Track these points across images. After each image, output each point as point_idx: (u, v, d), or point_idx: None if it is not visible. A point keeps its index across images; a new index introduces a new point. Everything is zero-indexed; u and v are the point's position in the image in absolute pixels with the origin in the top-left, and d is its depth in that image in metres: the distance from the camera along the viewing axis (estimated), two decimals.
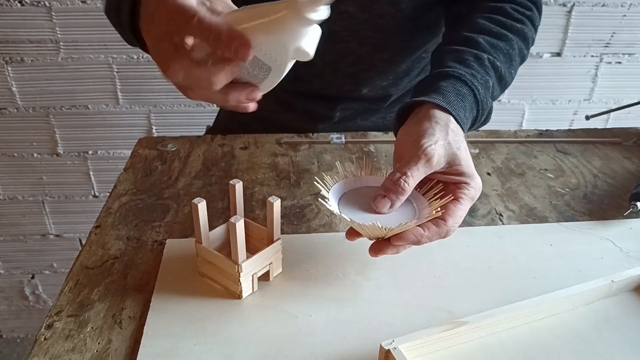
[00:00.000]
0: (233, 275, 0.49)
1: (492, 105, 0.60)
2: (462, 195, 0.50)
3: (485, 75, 0.59)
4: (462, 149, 0.51)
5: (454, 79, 0.56)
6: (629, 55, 1.36)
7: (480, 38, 0.62)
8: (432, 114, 0.52)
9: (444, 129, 0.51)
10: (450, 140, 0.50)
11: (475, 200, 0.51)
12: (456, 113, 0.53)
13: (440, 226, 0.48)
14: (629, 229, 0.61)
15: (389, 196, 0.49)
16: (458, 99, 0.54)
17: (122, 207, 0.64)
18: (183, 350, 0.45)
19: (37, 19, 1.20)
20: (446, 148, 0.50)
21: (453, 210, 0.49)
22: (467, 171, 0.50)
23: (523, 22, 0.67)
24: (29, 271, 1.58)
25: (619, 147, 0.81)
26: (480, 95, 0.57)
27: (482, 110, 0.58)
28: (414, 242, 0.47)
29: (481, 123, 0.60)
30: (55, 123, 1.34)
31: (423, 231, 0.47)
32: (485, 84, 0.58)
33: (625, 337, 0.46)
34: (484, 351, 0.45)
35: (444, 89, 0.55)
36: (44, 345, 0.45)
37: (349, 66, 0.79)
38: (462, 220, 0.50)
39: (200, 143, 0.80)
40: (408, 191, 0.49)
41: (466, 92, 0.56)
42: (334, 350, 0.45)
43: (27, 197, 1.45)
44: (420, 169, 0.49)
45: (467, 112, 0.55)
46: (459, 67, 0.58)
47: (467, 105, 0.55)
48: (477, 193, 0.51)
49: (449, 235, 0.49)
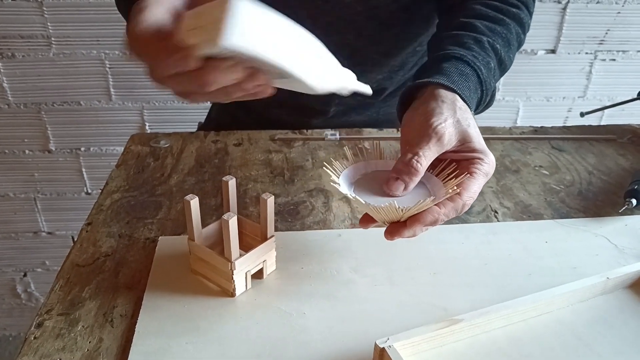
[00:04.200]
0: (226, 272, 0.48)
1: (495, 86, 0.59)
2: (476, 170, 0.49)
3: (486, 57, 0.58)
4: (472, 126, 0.50)
5: (456, 60, 0.55)
6: (623, 53, 1.36)
7: (477, 22, 0.61)
8: (438, 94, 0.51)
9: (451, 106, 0.50)
10: (459, 118, 0.49)
11: (489, 176, 0.50)
12: (461, 92, 0.52)
13: (456, 201, 0.47)
14: (624, 226, 0.61)
15: (402, 178, 0.48)
16: (462, 79, 0.54)
17: (113, 204, 0.63)
18: (175, 349, 0.44)
19: (29, 14, 1.19)
20: (456, 126, 0.49)
21: (468, 185, 0.47)
22: (479, 147, 0.50)
23: (518, 6, 0.67)
24: (21, 269, 1.57)
25: (614, 144, 0.81)
26: (484, 75, 0.56)
27: (486, 91, 0.57)
28: (432, 222, 0.46)
29: (486, 105, 0.59)
30: (47, 119, 1.33)
31: (439, 209, 0.46)
32: (487, 65, 0.57)
33: (620, 334, 0.46)
34: (479, 349, 0.44)
35: (446, 70, 0.54)
36: (33, 344, 0.45)
37: (344, 58, 0.78)
38: (476, 196, 0.48)
39: (193, 139, 0.79)
40: (421, 172, 0.48)
41: (469, 72, 0.55)
42: (328, 348, 0.44)
43: (19, 195, 1.44)
44: (432, 148, 0.48)
45: (472, 92, 0.54)
46: (459, 49, 0.57)
47: (471, 85, 0.54)
48: (491, 169, 0.50)
49: (464, 210, 0.48)
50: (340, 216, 0.62)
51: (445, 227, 0.60)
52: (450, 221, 0.61)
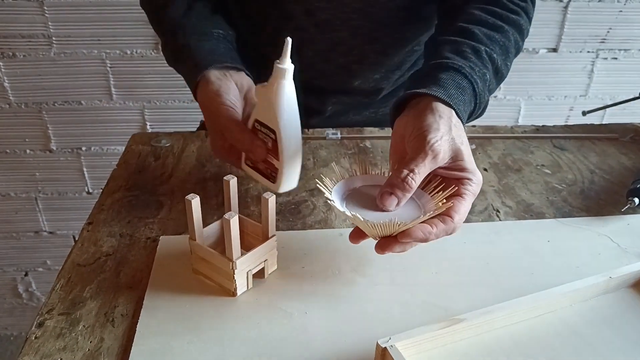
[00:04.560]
0: (227, 272, 0.48)
1: (488, 98, 0.60)
2: (465, 191, 0.49)
3: (483, 68, 0.58)
4: (464, 144, 0.50)
5: (454, 72, 0.56)
6: (625, 51, 1.36)
7: (476, 29, 0.61)
8: (435, 107, 0.51)
9: (447, 123, 0.50)
10: (454, 136, 0.50)
11: (476, 195, 0.50)
12: (457, 106, 0.52)
13: (447, 223, 0.47)
14: (626, 225, 0.61)
15: (396, 193, 0.48)
16: (458, 92, 0.54)
17: (115, 204, 0.63)
18: (176, 349, 0.44)
19: (29, 14, 1.19)
20: (450, 143, 0.49)
21: (458, 207, 0.48)
22: (469, 167, 0.50)
23: (518, 13, 0.67)
24: (22, 268, 1.57)
25: (616, 143, 0.81)
26: (479, 88, 0.56)
27: (479, 104, 0.57)
28: (422, 239, 0.46)
29: (476, 117, 0.60)
30: (48, 119, 1.33)
31: (431, 228, 0.46)
32: (483, 77, 0.58)
33: (623, 334, 0.46)
34: (481, 348, 0.44)
35: (444, 82, 0.54)
36: (34, 344, 0.44)
37: (340, 56, 0.78)
38: (465, 216, 0.49)
39: (194, 139, 0.79)
40: (414, 188, 0.48)
41: (466, 85, 0.55)
42: (329, 348, 0.44)
43: (20, 194, 1.44)
44: (427, 165, 0.48)
45: (466, 106, 0.55)
46: (457, 59, 0.57)
47: (466, 99, 0.54)
48: (479, 189, 0.50)
49: (455, 232, 0.48)
50: (342, 215, 0.62)
51: None
52: None
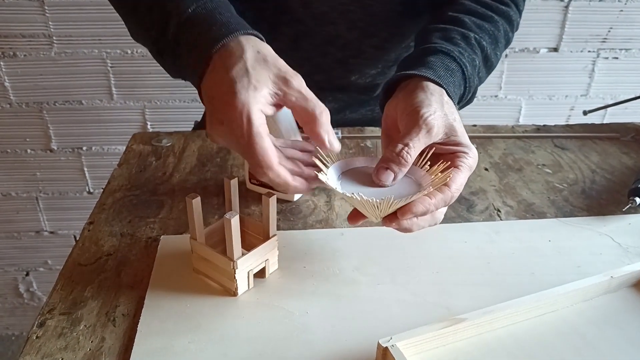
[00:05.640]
0: (228, 272, 0.48)
1: (477, 84, 0.60)
2: (461, 163, 0.49)
3: (472, 54, 0.58)
4: (457, 120, 0.50)
5: (442, 55, 0.56)
6: (626, 51, 1.36)
7: (466, 18, 0.62)
8: (425, 86, 0.51)
9: (439, 99, 0.50)
10: (447, 112, 0.50)
11: (472, 170, 0.50)
12: (447, 87, 0.52)
13: (445, 192, 0.47)
14: (627, 225, 0.61)
15: (391, 167, 0.48)
16: (447, 74, 0.54)
17: (115, 203, 0.63)
18: (177, 348, 0.44)
19: (30, 13, 1.19)
20: (444, 119, 0.49)
21: (455, 177, 0.48)
22: (464, 141, 0.50)
23: (508, 4, 0.67)
24: (23, 268, 1.57)
25: (617, 143, 0.81)
26: (468, 72, 0.56)
27: (469, 88, 0.57)
28: (422, 212, 0.46)
29: (466, 102, 0.60)
30: (49, 119, 1.33)
31: (430, 199, 0.46)
32: (472, 62, 0.58)
33: (624, 334, 0.46)
34: (482, 348, 0.44)
35: (433, 64, 0.54)
36: (35, 343, 0.44)
37: (337, 50, 0.78)
38: (462, 188, 0.49)
39: (195, 138, 0.79)
40: (410, 162, 0.48)
41: (455, 68, 0.55)
42: (330, 348, 0.44)
43: (21, 194, 1.44)
44: (422, 139, 0.48)
45: (456, 88, 0.55)
46: (446, 44, 0.57)
47: (456, 81, 0.54)
48: (475, 163, 0.50)
49: (452, 201, 0.48)
50: (343, 215, 0.62)
51: (447, 225, 0.60)
52: (452, 220, 0.61)
